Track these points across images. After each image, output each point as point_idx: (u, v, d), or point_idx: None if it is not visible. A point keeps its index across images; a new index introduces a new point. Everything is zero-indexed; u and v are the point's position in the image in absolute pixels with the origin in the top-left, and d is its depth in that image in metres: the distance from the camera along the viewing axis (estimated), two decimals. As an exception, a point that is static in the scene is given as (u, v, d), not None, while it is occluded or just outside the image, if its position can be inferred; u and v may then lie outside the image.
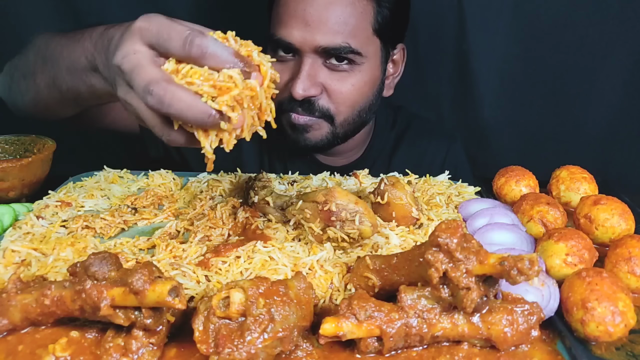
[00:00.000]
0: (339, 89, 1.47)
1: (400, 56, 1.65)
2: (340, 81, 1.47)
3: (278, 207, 1.11)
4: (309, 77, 1.43)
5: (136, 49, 0.85)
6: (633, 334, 0.81)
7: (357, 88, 1.49)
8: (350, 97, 1.49)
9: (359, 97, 1.51)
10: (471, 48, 1.88)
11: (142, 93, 0.80)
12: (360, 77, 1.48)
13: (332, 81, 1.46)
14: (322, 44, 1.39)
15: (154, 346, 0.76)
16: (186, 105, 0.78)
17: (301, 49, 1.41)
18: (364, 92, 1.52)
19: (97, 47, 1.04)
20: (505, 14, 1.84)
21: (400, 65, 1.66)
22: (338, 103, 1.48)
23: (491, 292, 0.78)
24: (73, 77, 1.13)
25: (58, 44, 1.20)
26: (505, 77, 1.92)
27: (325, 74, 1.45)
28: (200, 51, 0.80)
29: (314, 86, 1.44)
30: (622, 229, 1.04)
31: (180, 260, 0.97)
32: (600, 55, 1.83)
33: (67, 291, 0.78)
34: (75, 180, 1.35)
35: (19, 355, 0.77)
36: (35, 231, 1.07)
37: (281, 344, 0.74)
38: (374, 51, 1.49)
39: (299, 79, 1.42)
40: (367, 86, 1.52)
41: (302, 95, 1.42)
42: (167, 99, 0.78)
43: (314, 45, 1.40)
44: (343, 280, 0.94)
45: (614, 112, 1.90)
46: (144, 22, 0.86)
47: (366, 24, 1.44)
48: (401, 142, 1.78)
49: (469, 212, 1.18)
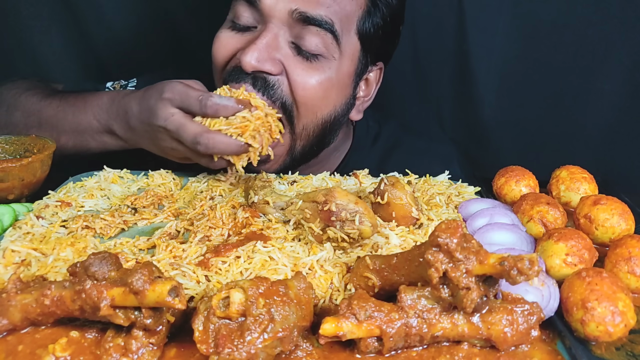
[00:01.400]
0: (302, 80, 1.26)
1: (376, 77, 1.49)
2: (305, 71, 1.26)
3: (278, 207, 1.11)
4: (267, 48, 1.22)
5: (172, 112, 1.14)
6: (633, 334, 0.81)
7: (323, 87, 1.29)
8: (314, 96, 1.29)
9: (323, 101, 1.32)
10: (471, 48, 1.88)
11: (192, 144, 1.11)
12: (328, 74, 1.29)
13: (295, 66, 1.26)
14: (301, 8, 1.20)
15: (154, 346, 0.76)
16: (225, 145, 1.11)
17: (269, 13, 1.22)
18: (330, 96, 1.32)
19: (112, 115, 1.30)
20: (505, 14, 1.83)
21: (374, 89, 1.50)
22: (299, 100, 1.28)
23: (491, 292, 0.78)
24: (81, 137, 1.37)
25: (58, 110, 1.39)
26: (505, 77, 1.92)
27: (289, 55, 1.26)
28: (214, 108, 1.12)
29: (270, 60, 1.23)
30: (622, 229, 1.04)
31: (180, 260, 0.97)
32: (600, 55, 1.83)
33: (67, 291, 0.78)
34: (75, 180, 1.35)
35: (19, 355, 0.77)
36: (35, 231, 1.07)
37: (281, 344, 0.74)
38: (350, 53, 1.32)
39: (254, 45, 1.21)
40: (334, 90, 1.33)
41: (254, 66, 1.21)
42: (211, 144, 1.10)
43: (288, 9, 1.21)
44: (343, 280, 0.94)
45: (614, 112, 1.89)
46: (169, 93, 1.15)
47: (353, 16, 1.29)
48: (387, 161, 1.62)
49: (469, 212, 1.18)
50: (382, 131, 1.70)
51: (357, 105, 1.48)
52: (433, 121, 2.04)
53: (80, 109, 1.35)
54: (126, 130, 1.29)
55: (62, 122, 1.37)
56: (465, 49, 1.89)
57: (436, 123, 2.04)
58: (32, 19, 1.92)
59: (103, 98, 1.34)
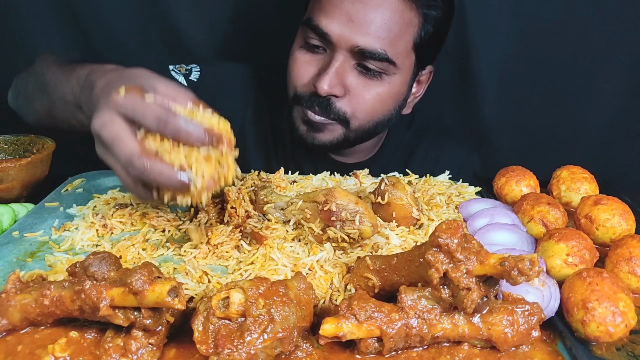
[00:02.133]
0: (362, 94, 1.42)
1: (427, 78, 1.63)
2: (366, 87, 1.42)
3: (278, 207, 1.11)
4: (337, 75, 1.39)
5: (113, 119, 0.90)
6: (633, 334, 0.81)
7: (381, 98, 1.45)
8: (372, 106, 1.45)
9: (380, 108, 1.47)
10: (471, 47, 1.88)
11: (124, 164, 0.89)
12: (387, 88, 1.44)
13: (357, 85, 1.41)
14: (360, 44, 1.34)
15: (154, 346, 0.75)
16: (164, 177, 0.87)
17: (337, 44, 1.37)
18: (387, 104, 1.48)
19: (83, 90, 1.10)
20: (506, 13, 1.83)
21: (424, 87, 1.64)
22: (356, 109, 1.44)
23: (492, 293, 0.78)
24: (65, 110, 1.21)
25: (53, 76, 1.26)
26: (505, 77, 1.92)
27: (353, 77, 1.41)
28: (175, 131, 0.88)
29: (339, 85, 1.40)
30: (622, 229, 1.04)
31: None
32: (600, 55, 1.83)
33: (67, 291, 0.78)
34: (75, 179, 1.35)
35: (19, 356, 0.77)
36: None
37: (281, 345, 0.74)
38: (407, 66, 1.46)
39: (327, 74, 1.37)
40: (391, 99, 1.48)
41: (327, 91, 1.38)
42: (146, 171, 0.87)
43: (351, 43, 1.35)
44: (343, 280, 0.93)
45: (615, 112, 1.89)
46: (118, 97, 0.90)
47: (408, 37, 1.41)
48: (420, 143, 1.75)
49: (469, 212, 1.18)
50: (415, 118, 1.80)
51: (409, 103, 1.61)
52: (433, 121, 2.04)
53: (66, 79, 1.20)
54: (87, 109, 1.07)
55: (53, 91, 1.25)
56: (465, 49, 1.89)
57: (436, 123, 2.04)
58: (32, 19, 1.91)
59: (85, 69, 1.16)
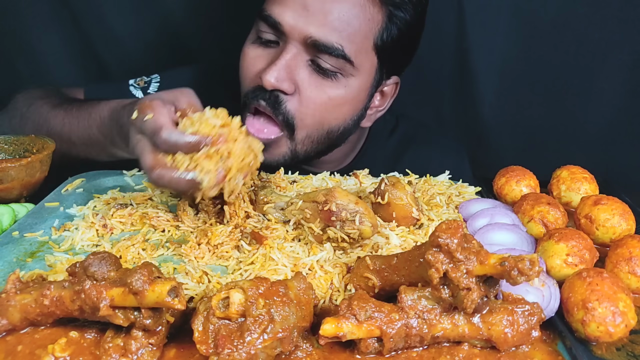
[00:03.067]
0: (313, 96, 1.31)
1: (392, 90, 1.52)
2: (318, 88, 1.31)
3: (278, 207, 1.11)
4: (287, 68, 1.28)
5: (138, 139, 1.05)
6: (634, 334, 0.81)
7: (334, 103, 1.34)
8: (322, 110, 1.34)
9: (332, 115, 1.36)
10: (471, 48, 1.88)
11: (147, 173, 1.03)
12: (342, 92, 1.33)
13: (309, 85, 1.31)
14: (314, 35, 1.25)
15: (154, 346, 0.75)
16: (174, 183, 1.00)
17: (289, 34, 1.27)
18: (341, 111, 1.37)
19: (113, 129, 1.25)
20: (505, 13, 1.83)
21: (388, 100, 1.53)
22: (305, 113, 1.33)
23: (492, 293, 0.78)
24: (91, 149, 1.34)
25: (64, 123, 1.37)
26: (505, 77, 1.92)
27: (305, 74, 1.30)
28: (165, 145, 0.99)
29: (288, 81, 1.28)
30: (622, 229, 1.04)
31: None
32: (600, 55, 1.83)
33: (67, 291, 0.78)
34: (75, 179, 1.35)
35: (18, 356, 0.76)
36: None
37: (281, 345, 0.74)
38: (367, 69, 1.35)
39: (274, 66, 1.27)
40: (347, 106, 1.37)
41: (273, 85, 1.27)
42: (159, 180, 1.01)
43: (304, 34, 1.25)
44: (343, 280, 0.93)
45: (614, 112, 1.89)
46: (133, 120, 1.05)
47: (369, 34, 1.31)
48: (406, 151, 1.66)
49: (469, 212, 1.18)
50: (399, 125, 1.73)
51: (369, 115, 1.51)
52: (433, 121, 2.04)
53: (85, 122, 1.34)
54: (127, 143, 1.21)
55: (70, 135, 1.37)
56: (465, 48, 1.89)
57: (436, 123, 2.04)
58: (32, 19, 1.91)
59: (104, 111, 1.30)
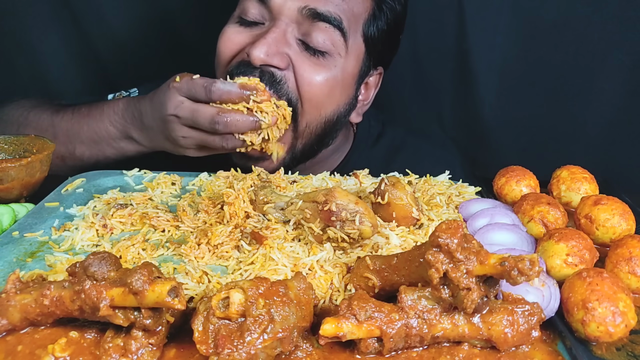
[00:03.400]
0: (309, 76, 1.28)
1: (375, 82, 1.52)
2: (311, 67, 1.29)
3: (278, 207, 1.11)
4: (276, 43, 1.25)
5: (182, 100, 1.21)
6: (633, 334, 0.81)
7: (328, 85, 1.31)
8: (320, 93, 1.31)
9: (328, 99, 1.33)
10: (471, 48, 1.88)
11: (210, 124, 1.19)
12: (333, 72, 1.31)
13: (302, 62, 1.28)
14: (311, 4, 1.23)
15: (154, 346, 0.75)
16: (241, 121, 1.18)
17: (279, 9, 1.25)
18: (334, 94, 1.34)
19: (127, 119, 1.35)
20: (505, 13, 1.83)
21: (372, 92, 1.53)
22: (305, 97, 1.30)
23: (492, 293, 0.78)
24: (98, 146, 1.40)
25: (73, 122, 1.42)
26: (505, 77, 1.92)
27: (296, 51, 1.28)
28: (218, 94, 1.19)
29: (278, 55, 1.25)
30: (622, 229, 1.04)
31: None
32: (600, 55, 1.83)
33: (67, 291, 0.78)
34: (75, 179, 1.34)
35: (18, 356, 0.76)
36: None
37: (281, 345, 0.74)
38: (355, 52, 1.35)
39: (263, 39, 1.24)
40: (339, 88, 1.34)
41: (263, 60, 1.23)
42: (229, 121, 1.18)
43: (297, 6, 1.23)
44: (343, 280, 0.93)
45: (614, 112, 1.89)
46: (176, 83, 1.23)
47: (359, 18, 1.32)
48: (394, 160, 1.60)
49: (469, 212, 1.18)
50: (385, 132, 1.70)
51: (357, 108, 1.51)
52: (433, 121, 2.04)
53: (96, 118, 1.38)
54: (142, 131, 1.33)
55: (78, 133, 1.41)
56: (465, 48, 1.89)
57: (436, 123, 2.04)
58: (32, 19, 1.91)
59: (118, 104, 1.37)
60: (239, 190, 1.13)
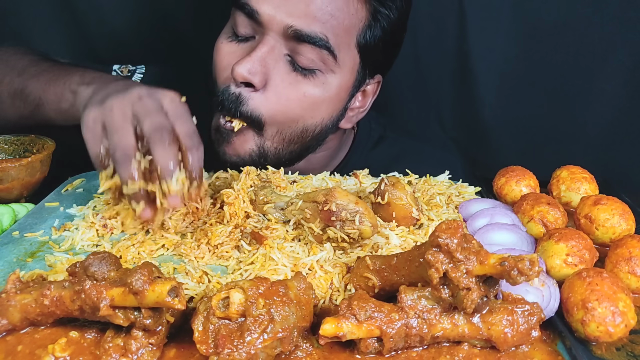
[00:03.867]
0: (286, 92, 1.23)
1: (373, 90, 1.45)
2: (292, 85, 1.24)
3: (278, 207, 1.11)
4: (262, 61, 1.20)
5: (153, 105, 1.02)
6: (633, 334, 0.81)
7: (310, 101, 1.26)
8: (295, 107, 1.26)
9: (307, 113, 1.28)
10: (471, 48, 1.88)
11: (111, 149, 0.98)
12: (319, 90, 1.26)
13: (282, 81, 1.23)
14: (295, 25, 1.17)
15: (154, 346, 0.75)
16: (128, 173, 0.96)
17: (267, 25, 1.19)
18: (318, 109, 1.29)
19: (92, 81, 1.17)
20: (506, 14, 1.83)
21: (370, 100, 1.47)
22: (275, 109, 1.24)
23: (491, 293, 0.78)
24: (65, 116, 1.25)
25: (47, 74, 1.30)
26: (505, 77, 1.92)
27: (280, 69, 1.22)
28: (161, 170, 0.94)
29: (260, 74, 1.20)
30: (622, 229, 1.04)
31: None
32: (600, 55, 1.83)
33: (67, 291, 0.78)
34: (75, 179, 1.35)
35: (18, 356, 0.76)
36: None
37: (281, 345, 0.74)
38: (349, 67, 1.29)
39: (249, 57, 1.19)
40: (324, 105, 1.29)
41: (244, 77, 1.19)
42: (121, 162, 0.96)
43: (284, 24, 1.17)
44: (343, 280, 0.93)
45: (614, 112, 1.89)
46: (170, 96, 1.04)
47: (352, 30, 1.26)
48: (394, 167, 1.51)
49: (469, 212, 1.18)
50: (386, 137, 1.67)
51: (350, 117, 1.46)
52: (433, 121, 2.04)
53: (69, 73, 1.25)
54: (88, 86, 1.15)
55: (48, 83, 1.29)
56: (466, 49, 1.89)
57: (436, 123, 2.04)
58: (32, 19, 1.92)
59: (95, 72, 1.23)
60: (238, 190, 1.13)
